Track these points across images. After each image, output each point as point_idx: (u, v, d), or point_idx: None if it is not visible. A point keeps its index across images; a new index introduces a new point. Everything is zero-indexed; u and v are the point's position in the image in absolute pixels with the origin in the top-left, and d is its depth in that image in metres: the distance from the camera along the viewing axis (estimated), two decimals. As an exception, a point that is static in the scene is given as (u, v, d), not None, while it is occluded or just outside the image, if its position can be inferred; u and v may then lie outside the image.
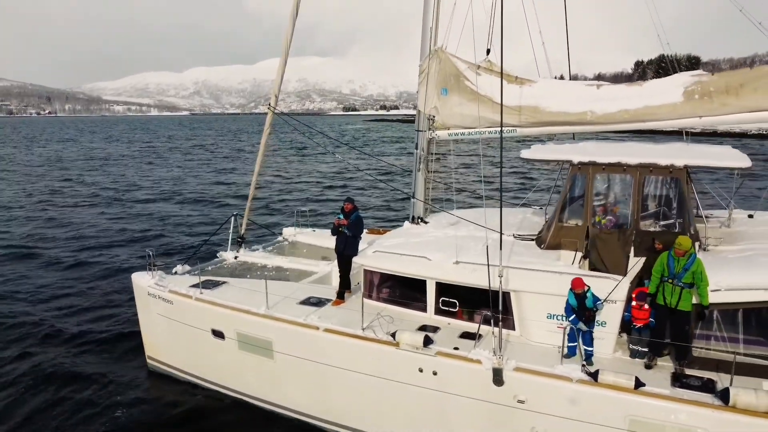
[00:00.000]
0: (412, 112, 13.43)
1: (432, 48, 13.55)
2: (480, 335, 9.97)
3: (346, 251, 12.26)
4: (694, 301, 8.92)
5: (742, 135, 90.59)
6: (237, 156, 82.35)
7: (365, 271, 11.78)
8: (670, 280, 8.85)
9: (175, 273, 14.29)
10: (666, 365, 9.31)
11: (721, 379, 8.62)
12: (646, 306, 9.28)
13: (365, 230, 16.31)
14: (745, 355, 8.93)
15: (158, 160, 76.02)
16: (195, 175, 59.20)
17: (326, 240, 15.62)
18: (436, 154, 13.92)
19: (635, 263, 10.06)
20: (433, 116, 13.60)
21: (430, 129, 13.71)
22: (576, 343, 9.47)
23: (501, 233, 9.73)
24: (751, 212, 12.50)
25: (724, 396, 8.15)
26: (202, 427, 12.04)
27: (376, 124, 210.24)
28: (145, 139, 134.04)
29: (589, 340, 9.29)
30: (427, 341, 9.85)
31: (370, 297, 11.73)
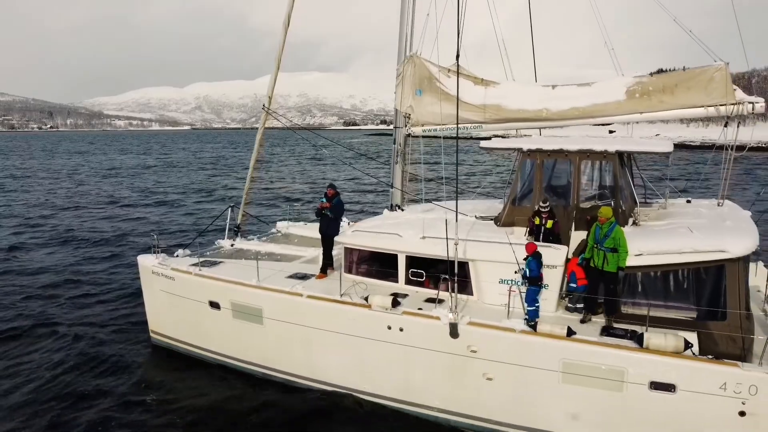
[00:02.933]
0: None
1: (407, 54, 15.22)
2: (441, 300, 11.48)
3: (328, 231, 13.84)
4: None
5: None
6: (242, 164, 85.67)
7: (345, 248, 13.31)
8: (596, 246, 10.41)
9: (177, 256, 15.82)
10: (600, 321, 10.84)
11: (643, 330, 10.12)
12: None
13: (351, 223, 17.85)
14: (665, 308, 10.47)
15: (170, 169, 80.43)
16: (202, 178, 63.66)
17: (317, 232, 17.14)
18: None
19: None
20: (409, 114, 15.23)
21: (406, 126, 15.33)
22: (534, 308, 10.89)
23: (457, 212, 11.29)
24: (689, 198, 14.07)
25: (639, 340, 9.68)
26: (203, 395, 13.22)
27: (377, 138, 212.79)
28: (161, 151, 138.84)
29: (529, 300, 10.77)
30: (395, 303, 11.37)
31: (349, 272, 13.24)
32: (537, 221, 11.55)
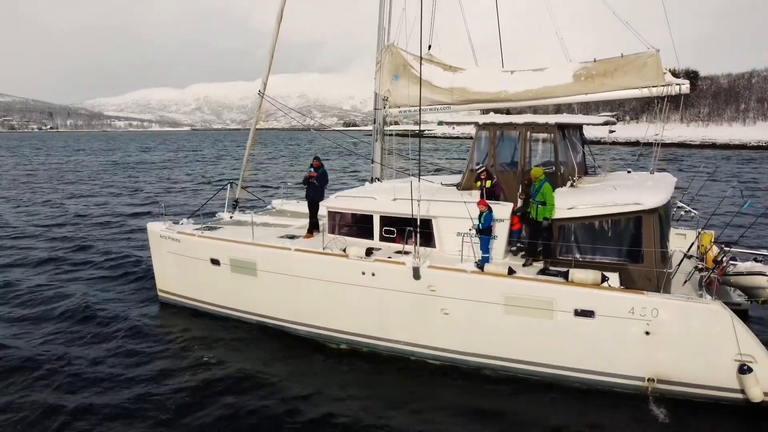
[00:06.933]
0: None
1: (385, 44, 17.26)
2: (408, 252, 13.50)
3: (315, 197, 15.89)
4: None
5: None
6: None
7: (329, 211, 15.32)
8: (531, 200, 12.48)
9: (181, 224, 17.84)
10: (540, 265, 12.86)
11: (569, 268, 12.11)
12: None
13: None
14: (594, 254, 12.49)
15: (175, 161, 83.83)
16: (206, 167, 69.11)
17: (308, 208, 19.19)
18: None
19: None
20: (387, 97, 17.27)
21: (384, 107, 17.38)
22: (488, 255, 12.92)
23: (419, 176, 13.35)
24: (630, 170, 16.07)
25: (565, 276, 11.72)
26: (205, 343, 14.86)
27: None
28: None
29: (483, 248, 12.81)
30: (369, 252, 13.41)
31: (332, 232, 15.26)
32: (478, 184, 13.55)
